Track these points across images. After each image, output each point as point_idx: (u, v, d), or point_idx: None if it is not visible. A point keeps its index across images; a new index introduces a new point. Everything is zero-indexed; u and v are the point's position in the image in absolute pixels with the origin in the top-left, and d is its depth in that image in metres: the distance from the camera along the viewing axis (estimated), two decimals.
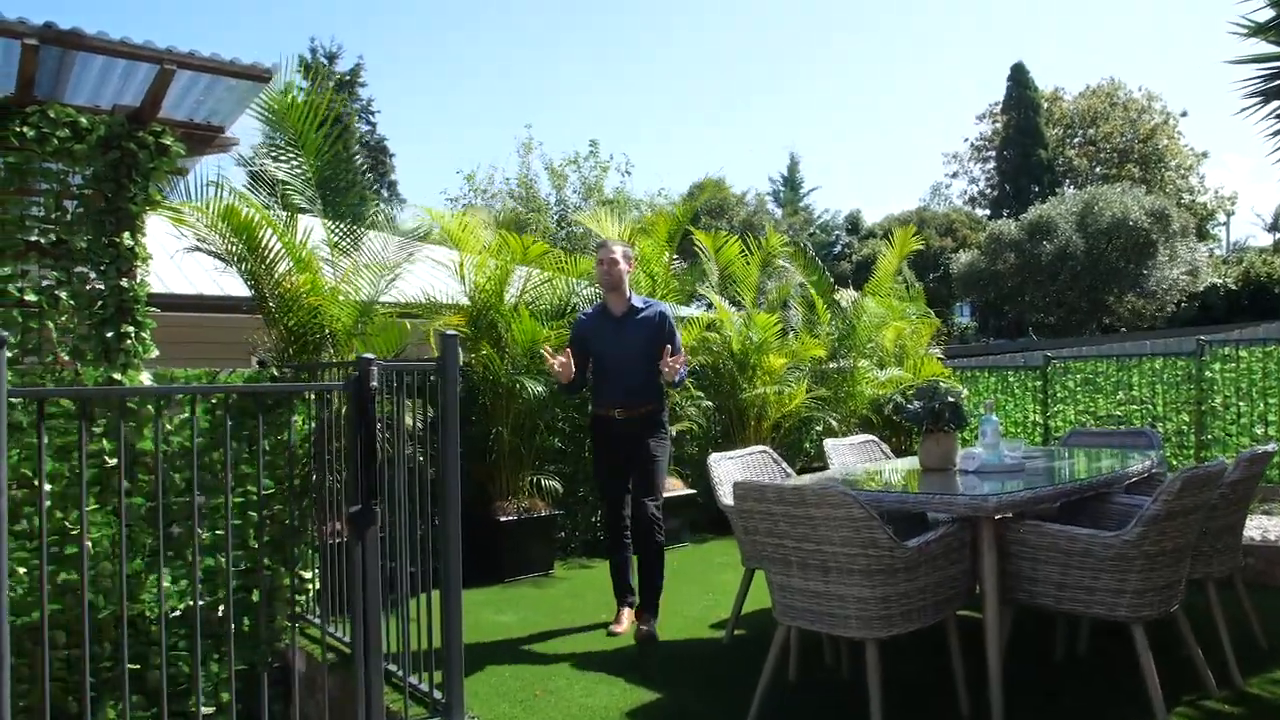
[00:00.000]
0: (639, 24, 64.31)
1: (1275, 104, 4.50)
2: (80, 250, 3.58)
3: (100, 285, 3.60)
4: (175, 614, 3.56)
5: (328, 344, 5.05)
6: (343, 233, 5.34)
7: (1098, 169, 33.81)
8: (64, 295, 3.53)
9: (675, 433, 6.73)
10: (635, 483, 4.28)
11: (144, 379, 3.65)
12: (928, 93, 65.94)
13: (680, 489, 6.68)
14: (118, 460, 2.42)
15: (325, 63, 33.83)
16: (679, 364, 4.19)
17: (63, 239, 3.56)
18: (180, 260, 6.81)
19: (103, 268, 3.60)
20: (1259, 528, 5.17)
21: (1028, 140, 33.93)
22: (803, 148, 70.00)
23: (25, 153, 3.49)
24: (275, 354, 5.10)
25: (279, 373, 4.53)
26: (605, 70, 65.83)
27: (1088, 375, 7.97)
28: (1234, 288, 24.87)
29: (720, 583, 5.32)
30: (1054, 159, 34.15)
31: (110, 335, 3.59)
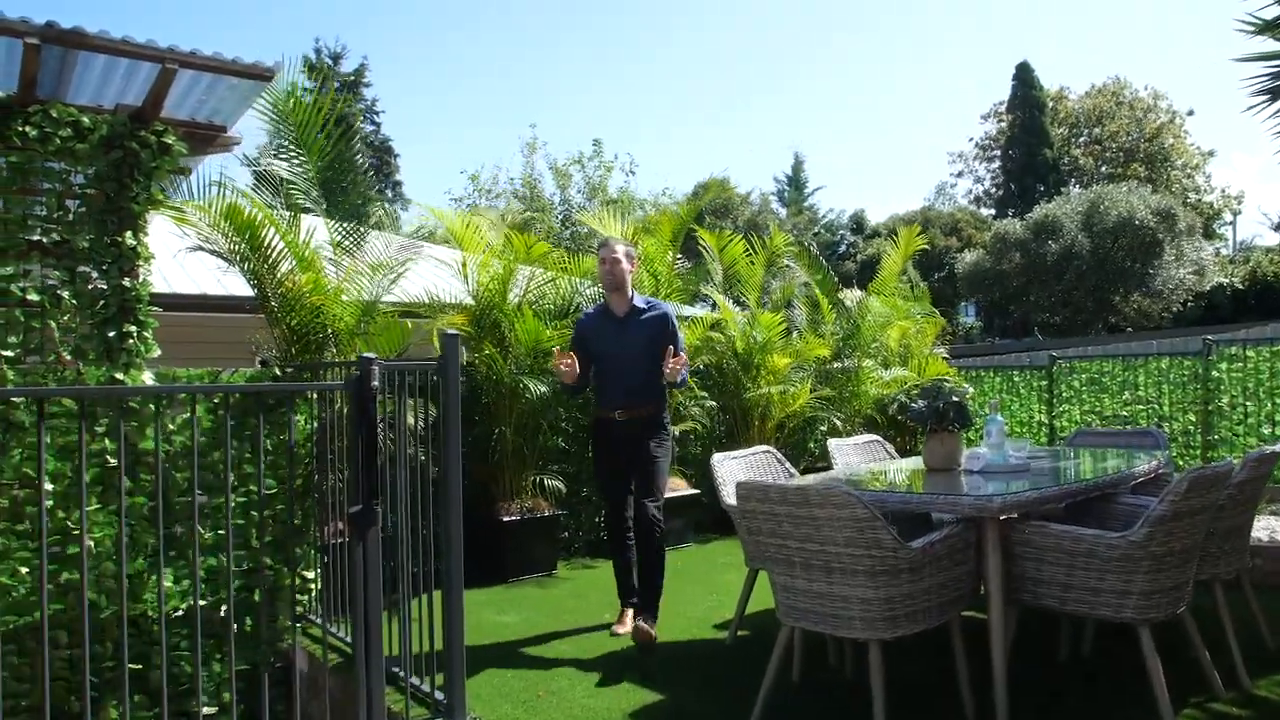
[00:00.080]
0: (644, 23, 64.34)
1: None
2: (83, 250, 3.58)
3: (102, 285, 3.60)
4: (178, 614, 3.56)
5: (330, 343, 5.04)
6: (345, 232, 5.34)
7: (1103, 168, 33.72)
8: (66, 295, 3.53)
9: (678, 432, 6.71)
10: (636, 484, 4.25)
11: (146, 378, 3.64)
12: (932, 92, 65.87)
13: (684, 489, 6.67)
14: (120, 461, 2.41)
15: (330, 63, 33.91)
16: (680, 365, 4.17)
17: (65, 238, 3.56)
18: (184, 260, 6.82)
19: (105, 267, 3.60)
20: (1266, 528, 5.13)
21: (1033, 139, 33.84)
22: (807, 147, 69.97)
23: (28, 152, 3.49)
24: (278, 353, 5.10)
25: (281, 372, 4.52)
26: (610, 70, 65.88)
27: (1093, 375, 7.94)
28: (1241, 287, 24.78)
29: (724, 583, 5.30)
30: (1059, 158, 34.06)
31: (112, 335, 3.58)
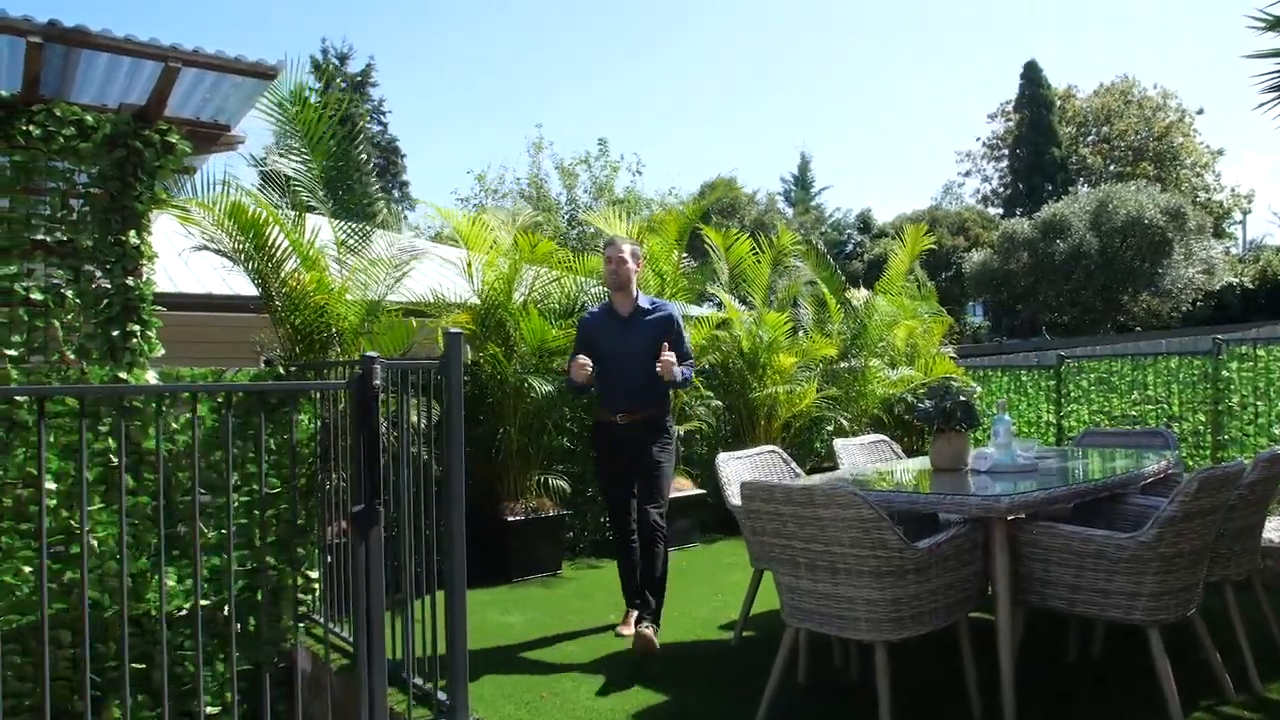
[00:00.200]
0: (650, 23, 64.30)
1: None
2: (86, 249, 3.57)
3: (106, 284, 3.59)
4: (182, 613, 3.55)
5: (335, 342, 5.04)
6: (350, 231, 5.34)
7: (1112, 167, 33.55)
8: (70, 294, 3.52)
9: (683, 432, 6.69)
10: (639, 490, 4.16)
11: (150, 378, 3.63)
12: (940, 91, 65.64)
13: (689, 489, 6.65)
14: (120, 459, 2.40)
15: (336, 63, 33.99)
16: (674, 363, 4.06)
17: (69, 238, 3.55)
18: (189, 259, 6.83)
19: (108, 266, 3.59)
20: (1278, 529, 5.08)
21: (1041, 138, 33.70)
22: (814, 147, 69.82)
23: (31, 151, 3.48)
24: (282, 353, 5.10)
25: (285, 371, 4.51)
26: (616, 70, 65.86)
27: (1102, 375, 7.88)
28: (1251, 286, 24.62)
29: (729, 583, 5.28)
30: (1067, 157, 33.91)
31: (116, 334, 3.57)
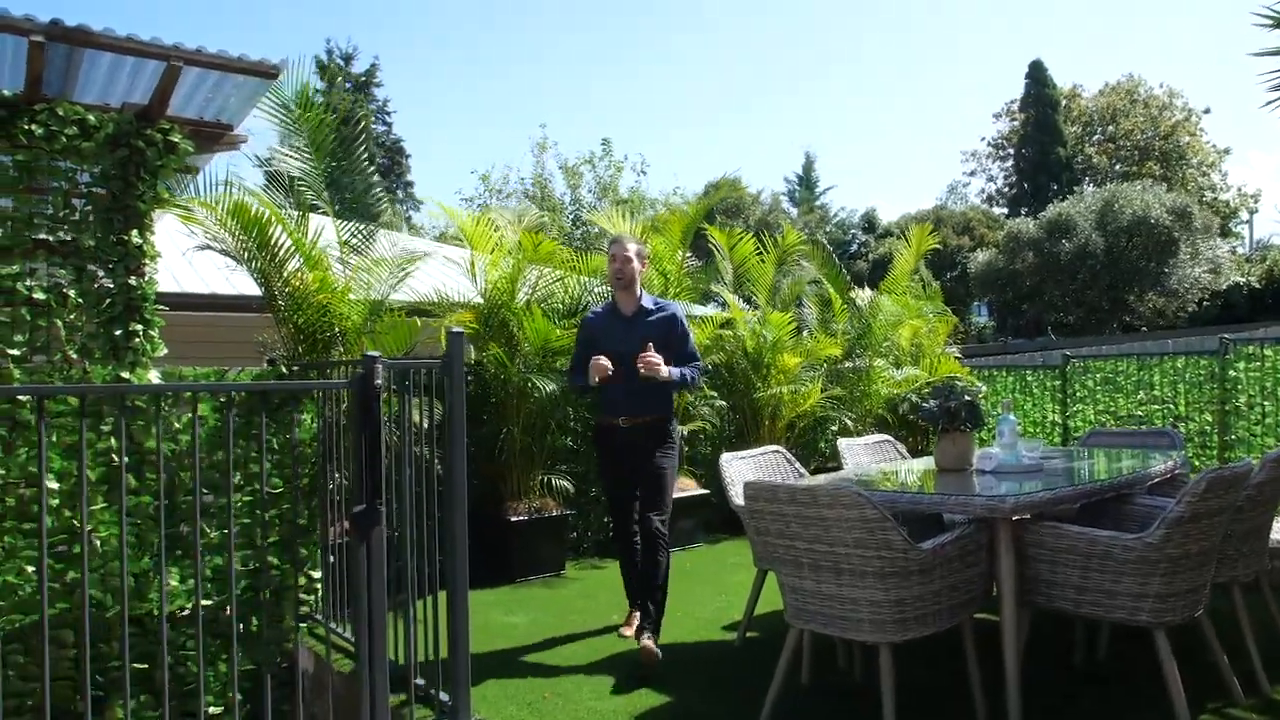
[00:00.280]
0: (655, 24, 64.31)
1: None
2: (89, 248, 3.57)
3: (109, 283, 3.59)
4: (185, 613, 3.54)
5: (338, 342, 5.03)
6: (354, 231, 5.33)
7: (1118, 166, 33.45)
8: (72, 293, 3.52)
9: (687, 432, 6.68)
10: (641, 496, 4.06)
11: (152, 377, 3.63)
12: (945, 91, 65.52)
13: (693, 489, 6.63)
14: (120, 458, 2.39)
15: (341, 64, 34.05)
16: (654, 362, 3.92)
17: (71, 237, 3.55)
18: (194, 259, 6.83)
19: (111, 266, 3.58)
20: None
21: (1046, 138, 33.62)
22: (819, 147, 69.74)
23: (34, 150, 3.47)
24: (285, 352, 5.09)
25: (287, 371, 4.51)
26: (621, 70, 65.87)
27: (1108, 374, 7.85)
28: (1257, 286, 24.54)
29: (733, 584, 5.26)
30: (1073, 157, 33.82)
31: (118, 333, 3.57)
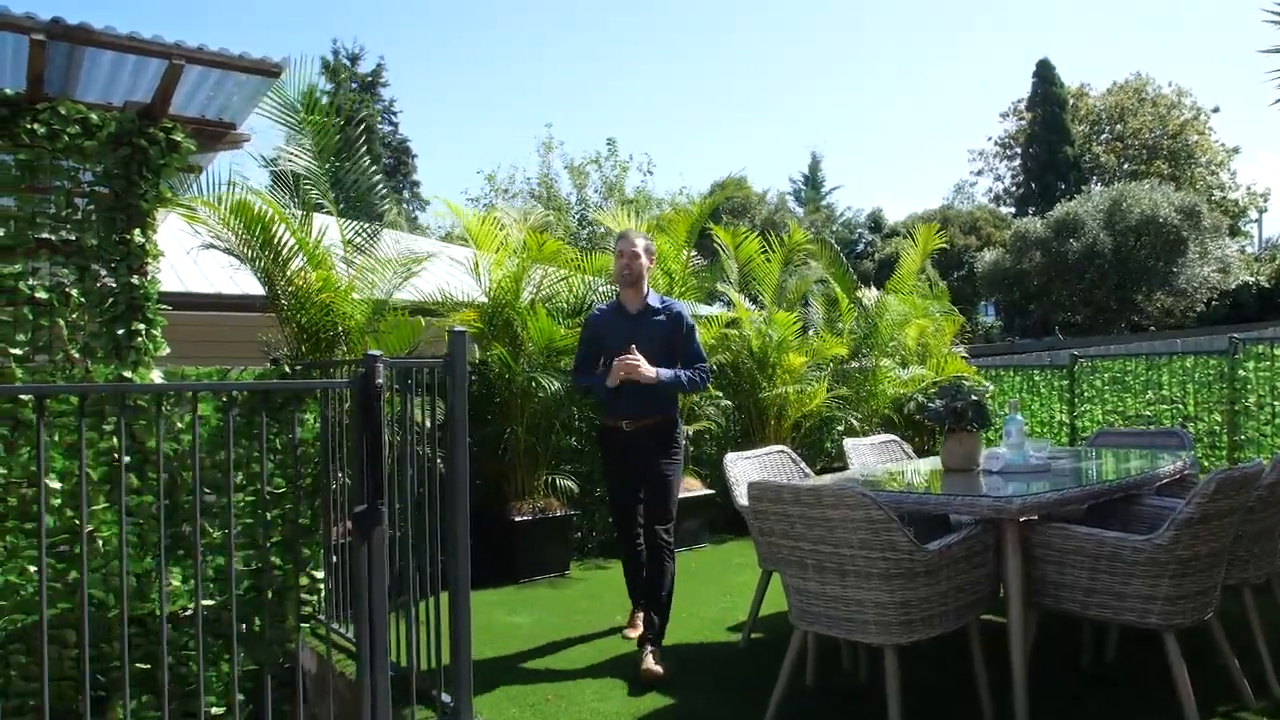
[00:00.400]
0: (659, 23, 64.26)
1: None
2: (91, 247, 3.56)
3: (111, 282, 3.58)
4: (188, 613, 3.53)
5: (341, 341, 5.02)
6: (358, 230, 5.32)
7: (1125, 165, 33.31)
8: (75, 293, 3.51)
9: (692, 432, 6.65)
10: (647, 505, 4.00)
11: (155, 377, 3.62)
12: (952, 90, 65.33)
13: (698, 489, 6.61)
14: (120, 457, 2.38)
15: (347, 64, 34.13)
16: (639, 361, 3.81)
17: (74, 236, 3.54)
18: (199, 259, 6.83)
19: (114, 265, 3.58)
20: None
21: (1054, 137, 33.49)
22: (825, 146, 69.66)
23: (36, 149, 3.47)
24: (289, 352, 5.09)
25: (291, 370, 4.50)
26: (626, 70, 65.86)
27: (1116, 374, 7.79)
28: (1267, 286, 24.40)
29: (738, 584, 5.24)
30: (1080, 156, 33.68)
31: (121, 333, 3.56)
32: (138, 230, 3.62)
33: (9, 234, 3.44)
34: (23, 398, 3.20)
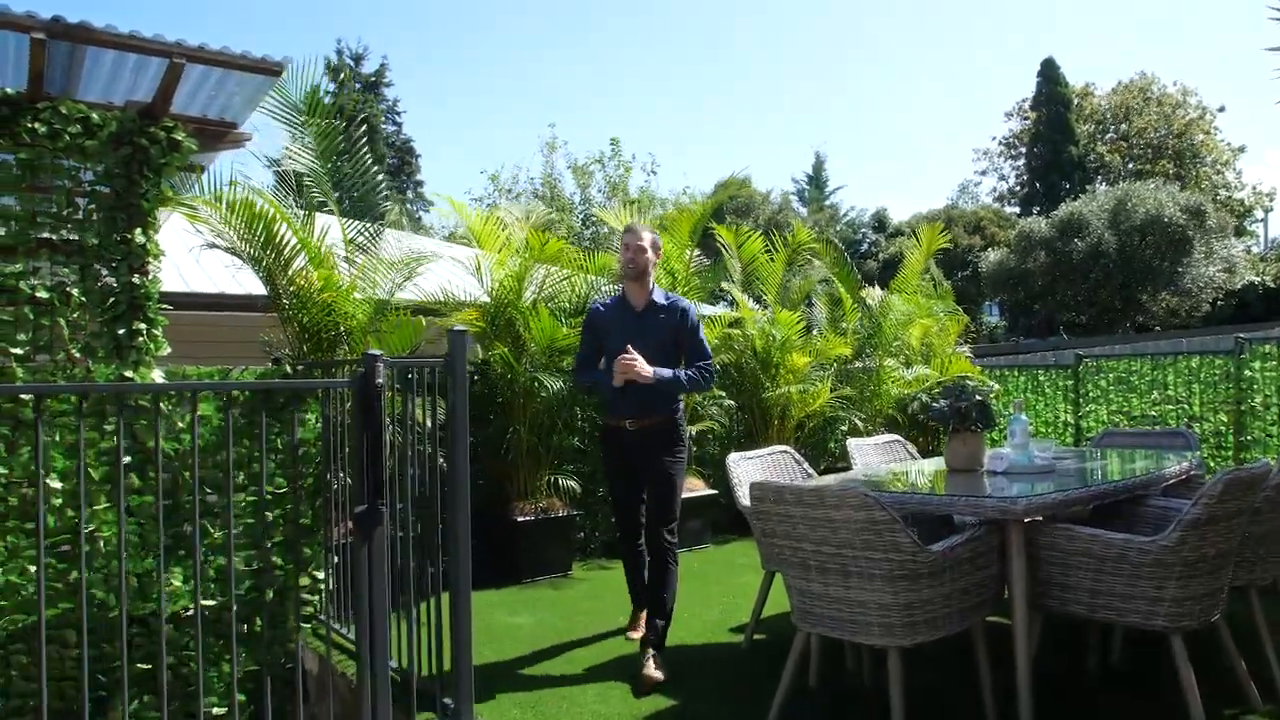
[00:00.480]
0: (663, 24, 64.24)
1: None
2: (92, 247, 3.55)
3: (112, 282, 3.57)
4: (189, 613, 3.52)
5: (343, 341, 5.02)
6: (359, 230, 5.32)
7: (1130, 165, 33.20)
8: (76, 292, 3.51)
9: (695, 432, 6.63)
10: (649, 506, 3.94)
11: (155, 376, 3.61)
12: (956, 89, 65.21)
13: (701, 489, 6.59)
14: (119, 457, 2.37)
15: (351, 64, 34.15)
16: (638, 363, 3.75)
17: (75, 236, 3.54)
18: (202, 258, 6.83)
19: (114, 264, 3.57)
20: None
21: (1058, 136, 33.40)
22: (829, 146, 69.63)
23: (37, 149, 3.46)
24: (290, 351, 5.08)
25: (292, 370, 4.49)
26: (630, 70, 65.85)
27: (1121, 374, 7.76)
28: (1273, 285, 24.31)
29: (740, 585, 5.22)
30: (1085, 155, 33.58)
31: (122, 332, 3.55)
32: (139, 229, 3.61)
33: (10, 233, 3.43)
34: (23, 397, 3.20)
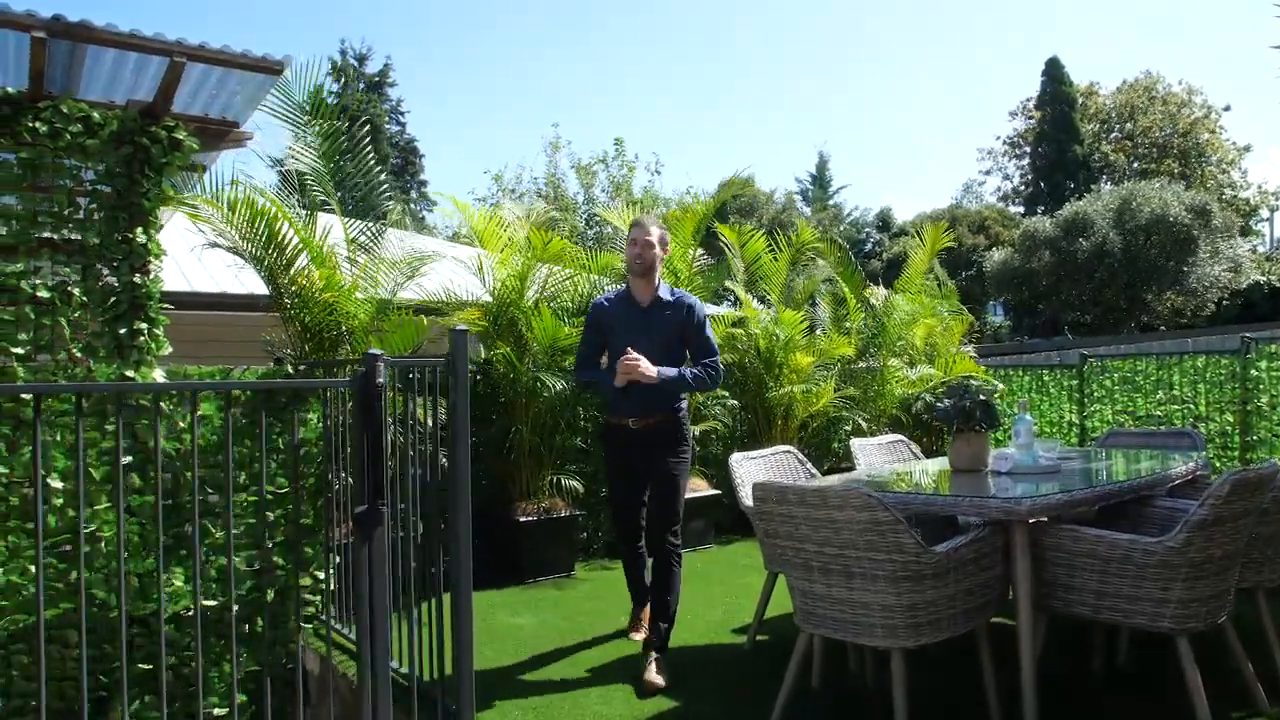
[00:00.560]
0: (666, 24, 64.22)
1: None
2: (93, 246, 3.55)
3: (113, 281, 3.57)
4: (189, 613, 3.52)
5: (345, 341, 5.01)
6: (361, 229, 5.31)
7: (1135, 164, 33.10)
8: (77, 292, 3.50)
9: (699, 432, 6.61)
10: (651, 507, 3.89)
11: (157, 376, 3.61)
12: (960, 89, 65.10)
13: (704, 489, 6.57)
14: (119, 457, 2.36)
15: (355, 64, 34.18)
16: (641, 363, 3.70)
17: (76, 235, 3.53)
18: (204, 258, 6.83)
19: (116, 264, 3.56)
20: None
21: (1063, 136, 33.31)
22: (833, 146, 69.54)
23: (38, 148, 3.46)
24: (292, 351, 5.07)
25: (294, 370, 4.48)
26: (634, 69, 65.83)
27: (1126, 374, 7.72)
28: (1278, 285, 24.22)
29: (743, 585, 5.20)
30: (1090, 154, 33.49)
31: (123, 332, 3.55)
32: (140, 229, 3.60)
33: (11, 233, 3.43)
34: (24, 397, 3.20)
